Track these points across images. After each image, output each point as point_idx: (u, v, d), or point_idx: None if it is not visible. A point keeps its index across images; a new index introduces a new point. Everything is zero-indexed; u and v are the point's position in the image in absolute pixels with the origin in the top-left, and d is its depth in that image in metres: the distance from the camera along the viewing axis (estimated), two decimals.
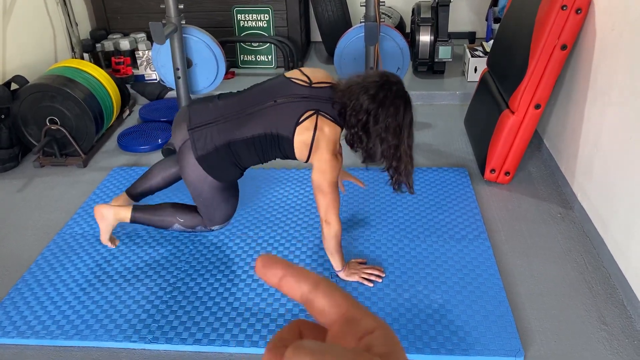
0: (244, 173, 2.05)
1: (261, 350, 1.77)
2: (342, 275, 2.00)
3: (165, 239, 2.29)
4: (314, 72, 1.92)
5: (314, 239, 2.26)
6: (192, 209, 2.10)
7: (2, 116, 2.84)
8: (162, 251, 2.22)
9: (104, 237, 2.11)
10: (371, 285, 1.99)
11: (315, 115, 1.80)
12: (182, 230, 2.15)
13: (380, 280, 2.01)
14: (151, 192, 2.22)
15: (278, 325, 1.84)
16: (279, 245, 2.23)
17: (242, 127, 1.86)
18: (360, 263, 2.09)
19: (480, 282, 2.01)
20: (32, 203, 2.63)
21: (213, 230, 2.14)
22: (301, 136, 1.81)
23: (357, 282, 2.01)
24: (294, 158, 1.90)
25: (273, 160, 2.00)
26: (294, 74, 1.92)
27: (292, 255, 2.18)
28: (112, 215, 2.07)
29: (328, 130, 1.80)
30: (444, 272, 2.06)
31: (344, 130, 1.87)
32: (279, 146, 1.87)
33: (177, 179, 2.20)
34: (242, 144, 1.87)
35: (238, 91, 1.99)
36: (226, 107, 1.91)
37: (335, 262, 1.97)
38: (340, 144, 1.88)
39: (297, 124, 1.80)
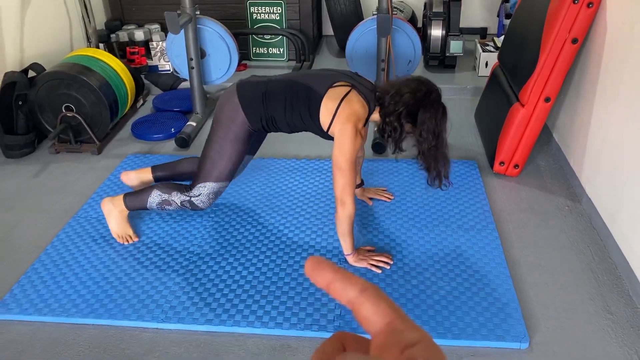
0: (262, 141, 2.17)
1: (271, 331, 1.81)
2: (350, 259, 2.04)
3: (175, 221, 2.34)
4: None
5: (323, 226, 2.30)
6: (174, 183, 2.19)
7: (20, 103, 2.90)
8: (174, 235, 2.26)
9: (113, 229, 2.22)
10: (379, 271, 2.03)
11: (349, 87, 1.90)
12: (158, 201, 2.12)
13: (388, 267, 2.04)
14: (171, 178, 2.31)
15: (287, 308, 1.88)
16: (288, 232, 2.27)
17: (285, 75, 2.03)
18: (369, 251, 2.12)
19: (487, 270, 2.04)
20: (47, 188, 2.69)
21: (187, 199, 2.09)
22: (330, 99, 1.89)
23: (366, 268, 2.04)
24: (317, 122, 1.94)
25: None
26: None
27: (301, 242, 2.21)
28: (110, 203, 2.18)
29: (356, 103, 1.88)
30: (451, 261, 2.09)
31: (374, 116, 1.97)
32: (309, 100, 1.92)
33: None
34: (278, 85, 1.97)
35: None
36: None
37: (346, 245, 2.01)
38: (366, 128, 1.95)
39: (331, 86, 1.91)
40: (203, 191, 2.08)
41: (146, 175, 2.34)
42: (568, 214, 2.38)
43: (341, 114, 1.87)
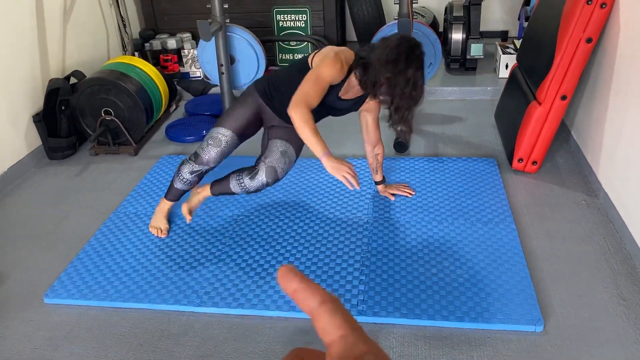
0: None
1: (299, 314, 1.93)
2: (324, 162, 1.97)
3: (209, 216, 2.48)
4: None
5: (347, 219, 2.42)
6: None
7: (62, 107, 3.10)
8: (208, 228, 2.41)
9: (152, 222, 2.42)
10: (350, 187, 2.01)
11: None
12: (190, 170, 2.23)
13: (358, 187, 2.01)
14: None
15: None
16: (313, 224, 2.40)
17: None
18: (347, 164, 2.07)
19: (504, 260, 2.13)
20: (89, 186, 2.87)
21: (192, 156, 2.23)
22: (316, 53, 2.07)
23: (386, 255, 2.15)
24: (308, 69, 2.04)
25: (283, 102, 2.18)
26: None
27: (326, 233, 2.34)
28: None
29: (343, 48, 2.04)
30: (470, 251, 2.19)
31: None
32: (304, 61, 2.09)
33: None
34: (286, 66, 2.22)
35: None
36: None
37: (315, 148, 1.94)
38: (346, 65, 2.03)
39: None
40: (213, 142, 2.22)
41: (205, 194, 2.37)
42: (585, 208, 2.45)
43: (324, 49, 2.04)
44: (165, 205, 2.36)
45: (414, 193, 2.59)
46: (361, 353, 0.34)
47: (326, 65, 1.95)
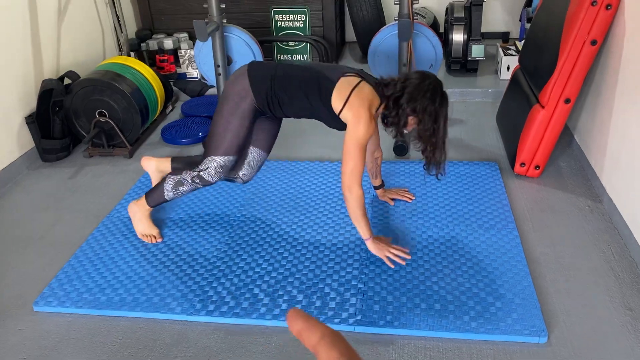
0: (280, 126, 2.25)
1: None
2: (369, 245, 2.08)
3: (204, 221, 2.43)
4: None
5: (345, 225, 2.36)
6: (182, 164, 2.32)
7: (56, 109, 3.04)
8: (202, 232, 2.35)
9: (138, 230, 2.33)
10: (392, 266, 2.07)
11: (359, 78, 1.99)
12: (172, 185, 2.17)
13: (404, 263, 2.09)
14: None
15: (310, 302, 1.95)
16: (311, 230, 2.34)
17: (296, 63, 2.10)
18: (388, 241, 2.17)
19: (506, 267, 2.08)
20: (82, 189, 2.81)
21: (196, 174, 2.13)
22: (342, 85, 1.96)
23: (384, 263, 2.09)
24: (328, 105, 1.98)
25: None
26: None
27: (324, 239, 2.28)
28: (134, 205, 2.30)
29: (367, 92, 1.96)
30: (471, 259, 2.14)
31: (381, 108, 2.04)
32: (320, 85, 1.98)
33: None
34: (289, 69, 2.05)
35: None
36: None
37: (362, 230, 2.05)
38: (376, 115, 2.01)
39: (343, 74, 1.98)
40: (211, 164, 2.11)
41: (165, 165, 2.41)
42: (589, 213, 2.40)
43: (354, 98, 1.94)
44: (147, 210, 2.29)
45: (413, 198, 2.53)
46: None
47: (363, 131, 1.93)
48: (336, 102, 1.97)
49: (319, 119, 2.10)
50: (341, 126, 2.06)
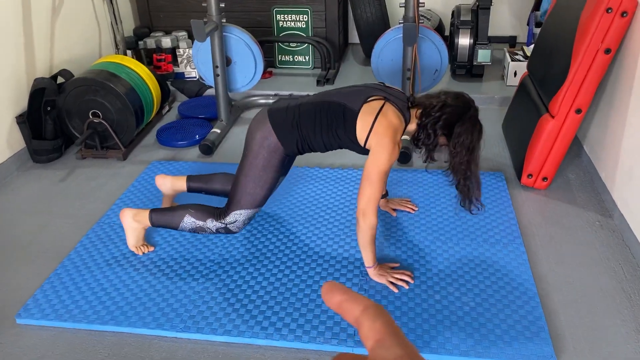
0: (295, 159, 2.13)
1: (290, 344, 1.78)
2: (370, 272, 2.00)
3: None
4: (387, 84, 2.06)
5: (346, 237, 2.27)
6: (205, 206, 2.13)
7: (48, 108, 2.94)
8: (197, 243, 2.26)
9: (131, 242, 2.19)
10: (396, 291, 1.97)
11: (383, 100, 1.88)
12: (192, 226, 2.09)
13: (407, 287, 1.99)
14: (204, 191, 2.32)
15: (307, 321, 1.85)
16: (310, 242, 2.25)
17: (315, 96, 1.99)
18: (392, 268, 2.07)
19: (513, 286, 1.98)
20: (73, 193, 2.71)
21: (222, 226, 2.07)
22: (365, 114, 1.86)
23: (384, 285, 2.00)
24: (354, 138, 1.91)
25: (317, 151, 2.02)
26: None
27: (323, 252, 2.18)
28: (131, 218, 2.13)
29: (392, 116, 1.86)
30: (476, 276, 2.04)
31: (409, 127, 1.95)
32: (344, 117, 1.89)
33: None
34: (310, 107, 1.94)
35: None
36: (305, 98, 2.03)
37: (367, 257, 1.97)
38: (401, 140, 1.91)
39: (365, 101, 1.88)
40: (239, 218, 2.06)
41: (180, 183, 2.31)
42: (599, 229, 2.30)
43: (378, 127, 1.84)
44: (146, 226, 2.17)
45: (416, 209, 2.43)
46: (396, 357, 0.34)
47: (386, 160, 1.84)
48: (361, 133, 1.88)
49: (348, 149, 2.00)
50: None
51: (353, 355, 0.37)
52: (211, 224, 2.08)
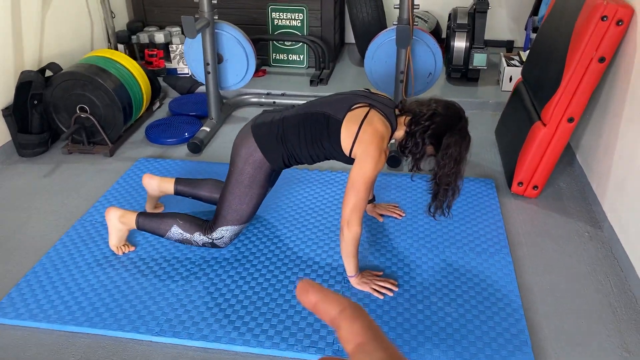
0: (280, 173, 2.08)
1: (267, 351, 1.74)
2: (353, 281, 1.96)
3: None
4: (373, 89, 2.02)
5: (330, 242, 2.23)
6: (194, 218, 2.09)
7: (35, 102, 2.90)
8: (179, 245, 2.22)
9: (113, 242, 2.14)
10: (381, 297, 1.94)
11: (368, 107, 1.83)
12: (179, 237, 2.07)
13: (391, 294, 1.95)
14: (192, 197, 2.29)
15: (286, 328, 1.81)
16: (294, 246, 2.21)
17: (299, 108, 1.94)
18: (376, 275, 2.03)
19: (497, 297, 1.94)
20: (56, 189, 2.67)
21: (209, 241, 2.05)
22: (349, 123, 1.82)
23: (368, 292, 1.96)
24: (339, 148, 1.87)
25: (304, 163, 1.98)
26: None
27: (306, 257, 2.15)
28: (117, 218, 2.08)
29: (377, 123, 1.81)
30: (460, 285, 2.00)
31: (396, 134, 1.90)
32: (328, 128, 1.85)
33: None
34: (294, 120, 1.90)
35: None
36: (290, 109, 1.98)
37: (349, 267, 1.93)
38: (387, 147, 1.87)
39: (349, 109, 1.83)
40: (226, 234, 2.04)
41: (168, 185, 2.27)
42: (588, 240, 2.27)
43: (363, 135, 1.79)
44: (131, 227, 2.12)
45: (404, 215, 2.40)
46: None
47: (372, 168, 1.79)
48: (345, 142, 1.84)
49: (334, 159, 1.95)
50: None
51: (335, 359, 0.37)
52: (198, 237, 2.06)
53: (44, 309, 1.91)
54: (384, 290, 1.94)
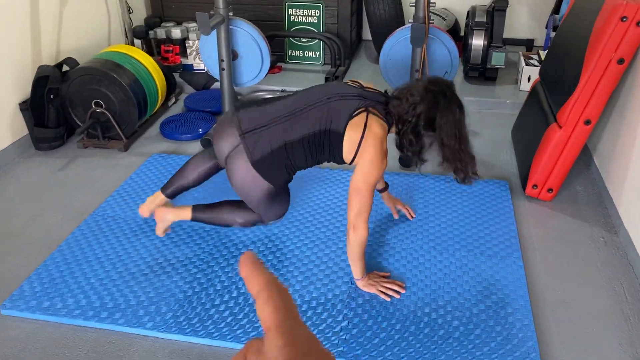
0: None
1: None
2: (359, 284, 1.94)
3: (194, 230, 2.30)
4: (364, 82, 1.97)
5: (339, 241, 2.22)
6: (247, 207, 2.05)
7: (52, 96, 2.93)
8: (188, 241, 2.23)
9: (160, 232, 2.15)
10: (387, 299, 1.92)
11: (365, 113, 1.80)
12: (243, 227, 2.16)
13: (398, 296, 1.93)
14: (186, 189, 2.18)
15: None
16: (302, 245, 2.20)
17: (297, 126, 1.84)
18: (382, 276, 2.02)
19: (506, 302, 1.91)
20: (71, 183, 2.70)
21: (270, 224, 2.15)
22: (351, 132, 1.79)
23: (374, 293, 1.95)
24: (341, 158, 1.87)
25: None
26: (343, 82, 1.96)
27: (314, 256, 2.14)
28: (172, 217, 2.10)
29: (376, 128, 1.79)
30: (469, 289, 1.98)
31: (392, 129, 1.89)
32: (330, 142, 1.84)
33: (211, 174, 2.17)
34: (297, 143, 1.85)
35: (284, 96, 1.97)
36: (276, 109, 1.89)
37: (356, 270, 1.91)
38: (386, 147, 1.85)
39: (350, 118, 1.80)
40: (274, 222, 2.17)
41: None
42: (602, 246, 2.22)
43: (365, 145, 1.78)
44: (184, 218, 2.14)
45: (414, 216, 2.37)
46: (276, 348, 0.34)
47: (375, 172, 1.78)
48: (348, 154, 1.83)
49: (336, 162, 1.94)
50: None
51: (260, 340, 0.37)
52: (258, 223, 2.10)
53: (53, 302, 1.93)
54: (390, 292, 1.93)
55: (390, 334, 1.79)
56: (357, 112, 1.80)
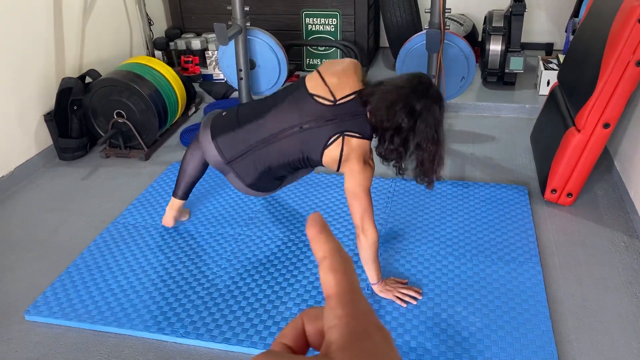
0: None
1: None
2: (376, 289, 1.95)
3: (212, 237, 2.33)
4: (338, 79, 1.81)
5: (351, 244, 2.23)
6: None
7: (75, 107, 3.01)
8: (207, 248, 2.26)
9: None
10: (404, 305, 1.92)
11: (340, 138, 1.78)
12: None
13: (415, 302, 1.93)
14: (194, 184, 2.27)
15: None
16: (307, 250, 2.21)
17: (274, 153, 1.88)
18: (400, 282, 2.01)
19: (524, 308, 1.89)
20: (93, 191, 2.76)
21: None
22: (329, 155, 1.82)
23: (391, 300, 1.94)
24: (319, 165, 1.92)
25: None
26: (315, 85, 1.82)
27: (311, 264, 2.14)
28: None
29: (355, 144, 1.78)
30: (487, 295, 1.96)
31: (374, 140, 1.85)
32: (311, 164, 1.92)
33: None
34: (280, 167, 1.93)
35: (256, 100, 2.01)
36: (252, 134, 1.90)
37: (371, 274, 1.91)
38: (371, 153, 1.84)
39: (325, 147, 1.81)
40: None
41: (180, 206, 2.35)
42: (623, 251, 2.18)
43: (346, 158, 1.78)
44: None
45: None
46: (335, 317, 0.33)
47: (365, 179, 1.78)
48: (331, 167, 1.85)
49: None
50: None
51: (319, 308, 0.38)
52: None
53: (75, 308, 1.97)
54: (407, 299, 1.92)
55: (406, 339, 1.79)
56: (331, 140, 1.79)
